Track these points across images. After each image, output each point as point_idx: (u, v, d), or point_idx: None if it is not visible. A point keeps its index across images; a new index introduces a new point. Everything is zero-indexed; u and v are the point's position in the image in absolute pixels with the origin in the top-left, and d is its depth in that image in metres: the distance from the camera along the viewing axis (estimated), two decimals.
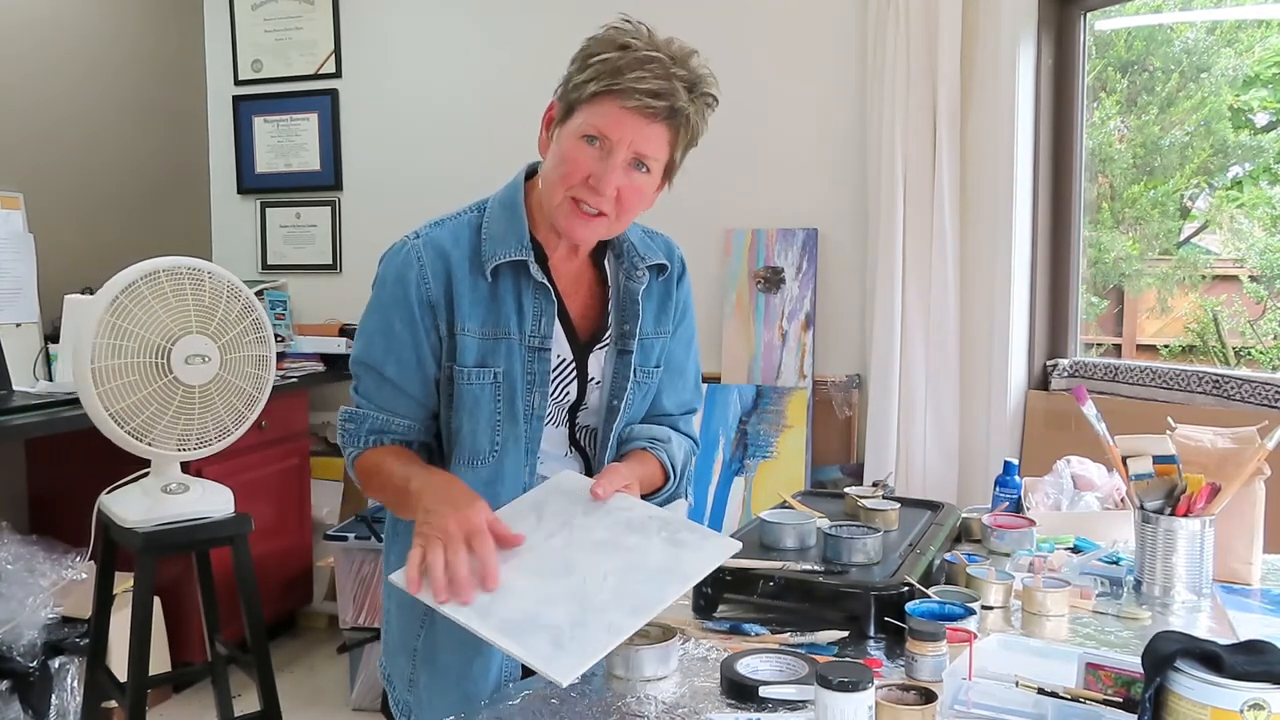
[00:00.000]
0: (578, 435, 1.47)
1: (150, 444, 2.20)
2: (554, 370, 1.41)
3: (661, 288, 1.51)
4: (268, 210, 4.13)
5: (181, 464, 2.36)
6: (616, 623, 1.13)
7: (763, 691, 1.13)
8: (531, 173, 1.45)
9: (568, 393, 1.43)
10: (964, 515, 1.77)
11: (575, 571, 1.20)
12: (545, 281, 1.39)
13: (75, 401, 2.82)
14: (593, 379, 1.45)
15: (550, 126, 1.37)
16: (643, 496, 1.38)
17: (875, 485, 1.82)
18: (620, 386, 1.45)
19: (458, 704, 1.39)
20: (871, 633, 1.32)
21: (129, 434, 2.17)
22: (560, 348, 1.42)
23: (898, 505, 1.68)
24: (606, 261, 1.48)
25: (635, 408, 1.49)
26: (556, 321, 1.41)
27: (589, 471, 1.47)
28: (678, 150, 1.36)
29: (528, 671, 1.38)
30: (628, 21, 1.32)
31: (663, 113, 1.29)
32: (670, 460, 1.47)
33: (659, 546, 1.24)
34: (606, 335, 1.46)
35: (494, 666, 1.42)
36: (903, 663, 1.22)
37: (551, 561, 1.22)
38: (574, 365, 1.43)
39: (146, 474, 2.34)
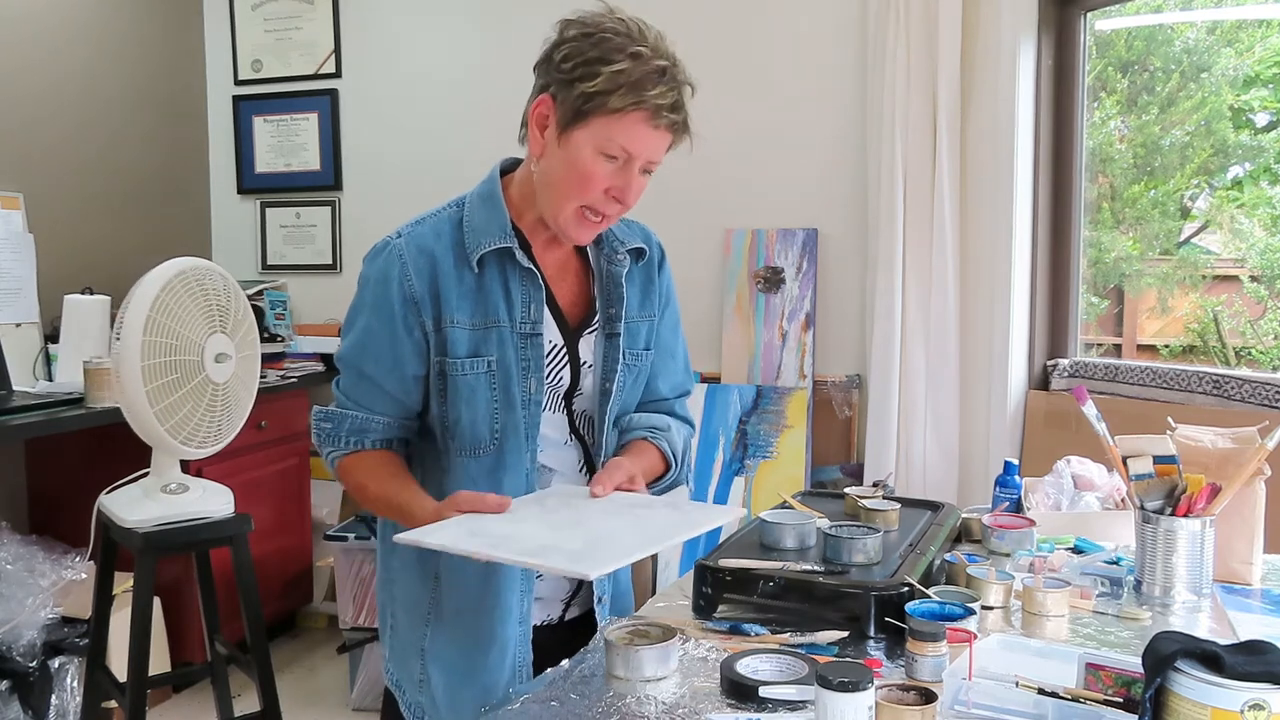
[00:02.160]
0: (576, 422, 1.48)
1: (182, 442, 2.24)
2: (546, 356, 1.43)
3: (642, 272, 1.53)
4: (268, 210, 4.13)
5: (181, 464, 2.36)
6: (633, 544, 1.19)
7: (763, 692, 1.13)
8: (506, 167, 1.46)
9: (561, 378, 1.45)
10: (964, 515, 1.77)
11: (585, 526, 1.26)
12: (532, 267, 1.40)
13: (75, 401, 2.84)
14: (585, 363, 1.47)
15: (544, 128, 1.34)
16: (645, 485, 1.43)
17: (875, 485, 1.82)
18: (610, 370, 1.47)
19: (477, 697, 1.41)
20: (871, 633, 1.32)
21: (167, 432, 2.18)
22: (551, 334, 1.43)
23: (898, 505, 1.68)
24: (588, 248, 1.49)
25: (628, 391, 1.51)
26: (545, 308, 1.42)
27: (588, 458, 1.50)
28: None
29: (539, 666, 1.39)
30: (622, 21, 1.31)
31: (680, 126, 1.32)
32: (671, 448, 1.50)
33: (664, 512, 1.30)
34: (595, 320, 1.48)
35: (509, 656, 1.43)
36: (903, 663, 1.22)
37: (564, 521, 1.28)
38: (565, 350, 1.45)
39: (146, 474, 2.34)
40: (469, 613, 1.43)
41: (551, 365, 1.43)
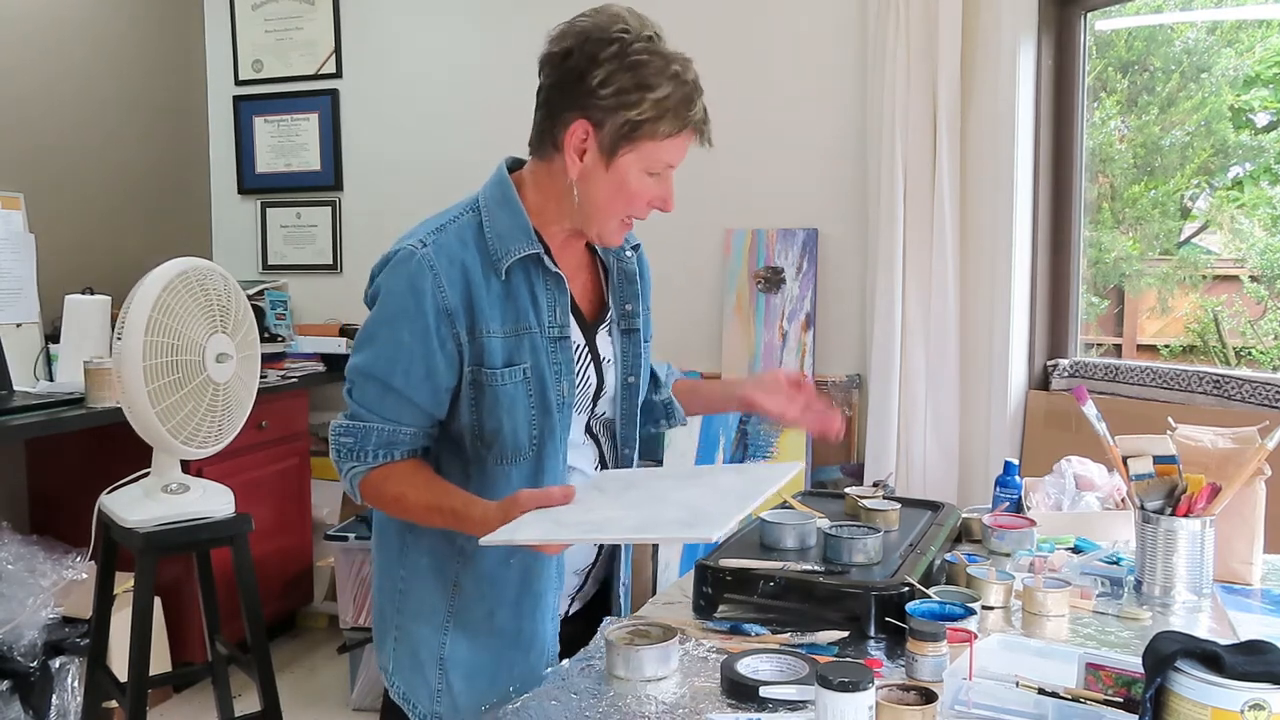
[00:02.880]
0: (592, 424, 1.49)
1: (183, 442, 2.24)
2: (574, 357, 1.43)
3: (636, 267, 1.55)
4: (268, 210, 4.13)
5: (181, 464, 2.36)
6: (735, 501, 1.19)
7: (763, 691, 1.13)
8: (512, 166, 1.45)
9: (589, 378, 1.45)
10: (964, 515, 1.77)
11: (667, 499, 1.25)
12: (559, 272, 1.40)
13: (75, 401, 2.85)
14: (605, 359, 1.48)
15: (583, 154, 1.34)
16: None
17: (875, 485, 1.82)
18: (633, 365, 1.50)
19: (511, 694, 1.37)
20: (872, 633, 1.32)
21: (168, 432, 2.18)
22: (574, 334, 1.43)
23: (898, 505, 1.68)
24: (596, 245, 1.51)
25: (644, 382, 1.54)
26: (570, 311, 1.43)
27: (602, 459, 1.51)
28: None
29: (563, 655, 1.39)
30: (625, 30, 1.31)
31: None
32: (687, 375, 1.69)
33: (727, 475, 1.32)
34: (608, 315, 1.49)
35: (545, 654, 1.43)
36: (903, 663, 1.22)
37: (640, 499, 1.28)
38: (587, 349, 1.45)
39: (147, 474, 2.34)
40: (507, 614, 1.41)
41: (579, 366, 1.44)
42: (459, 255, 1.35)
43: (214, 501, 2.35)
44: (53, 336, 3.26)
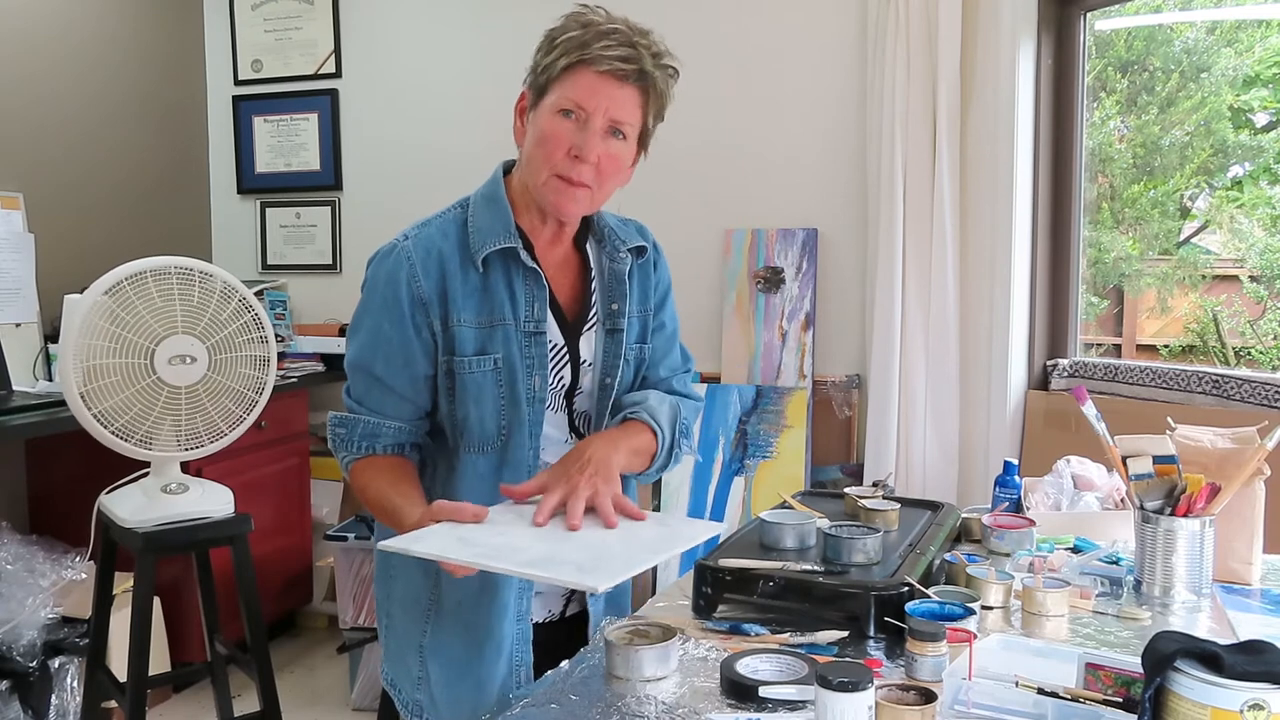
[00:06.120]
0: (576, 421, 1.50)
1: (138, 444, 2.21)
2: (550, 354, 1.44)
3: (640, 270, 1.55)
4: (268, 210, 4.13)
5: (181, 464, 2.36)
6: (639, 556, 1.17)
7: (763, 691, 1.13)
8: (508, 168, 1.49)
9: (562, 377, 1.46)
10: (964, 515, 1.77)
11: (578, 537, 1.23)
12: (535, 267, 1.42)
13: None
14: (584, 361, 1.48)
15: (524, 115, 1.42)
16: (644, 466, 1.47)
17: (875, 485, 1.82)
18: (612, 366, 1.49)
19: (471, 690, 1.42)
20: (871, 633, 1.32)
21: (114, 434, 2.17)
22: (552, 332, 1.45)
23: (898, 505, 1.68)
24: (588, 246, 1.52)
25: (625, 385, 1.52)
26: (548, 307, 1.43)
27: None
28: (649, 116, 1.40)
29: (541, 662, 1.39)
30: (585, 5, 1.38)
31: (633, 75, 1.35)
32: (652, 417, 1.45)
33: (649, 526, 1.29)
34: (592, 316, 1.49)
35: (504, 653, 1.43)
36: (903, 663, 1.22)
37: (552, 532, 1.25)
38: (566, 349, 1.46)
39: (146, 474, 2.34)
40: (469, 607, 1.43)
41: (554, 364, 1.45)
42: (437, 246, 1.40)
43: (214, 501, 2.35)
44: (52, 336, 3.26)
